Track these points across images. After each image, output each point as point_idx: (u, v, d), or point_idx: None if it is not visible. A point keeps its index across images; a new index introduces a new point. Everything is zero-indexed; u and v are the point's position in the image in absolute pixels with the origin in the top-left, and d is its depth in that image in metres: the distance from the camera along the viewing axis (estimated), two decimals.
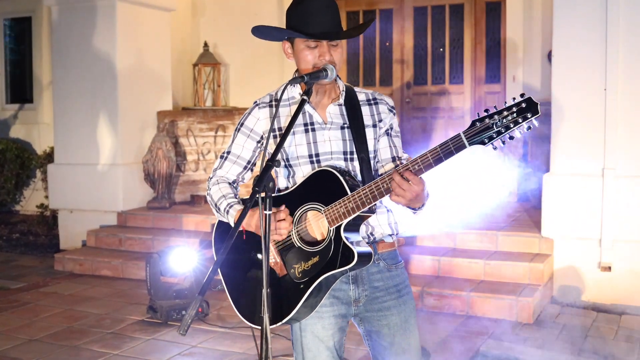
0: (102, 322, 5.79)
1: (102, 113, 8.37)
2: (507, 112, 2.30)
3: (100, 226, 8.29)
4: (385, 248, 2.75)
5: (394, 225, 2.77)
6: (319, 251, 2.55)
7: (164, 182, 8.23)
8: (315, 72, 2.56)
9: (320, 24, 2.59)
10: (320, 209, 2.55)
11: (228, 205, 2.71)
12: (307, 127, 2.70)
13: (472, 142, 2.35)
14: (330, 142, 2.69)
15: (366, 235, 2.70)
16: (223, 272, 2.75)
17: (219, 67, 9.60)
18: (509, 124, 2.30)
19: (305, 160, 2.68)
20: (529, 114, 2.28)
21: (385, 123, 2.75)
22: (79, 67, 8.45)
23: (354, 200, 2.48)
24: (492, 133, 2.32)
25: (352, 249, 2.48)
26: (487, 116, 2.33)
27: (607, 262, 6.09)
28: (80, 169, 8.51)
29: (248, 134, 2.78)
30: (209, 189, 2.82)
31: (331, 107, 2.71)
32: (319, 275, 2.52)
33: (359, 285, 2.70)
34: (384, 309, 2.72)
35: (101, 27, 8.32)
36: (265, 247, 2.33)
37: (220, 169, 2.83)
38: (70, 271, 7.53)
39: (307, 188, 2.61)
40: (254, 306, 2.62)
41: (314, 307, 2.58)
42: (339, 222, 2.50)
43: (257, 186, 2.30)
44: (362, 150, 2.68)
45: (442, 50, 9.13)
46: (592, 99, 6.11)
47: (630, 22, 5.98)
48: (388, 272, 2.75)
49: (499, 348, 5.04)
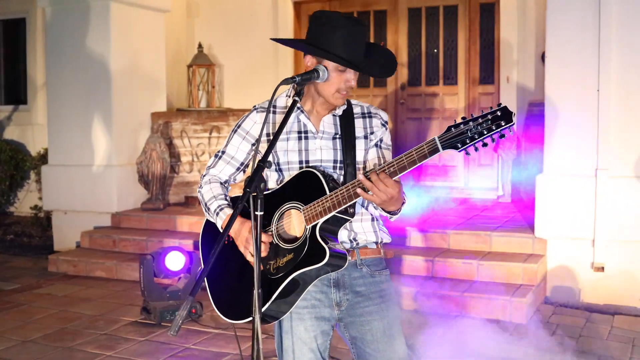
0: (96, 324, 5.78)
1: (96, 114, 8.36)
2: (482, 120, 2.36)
3: (94, 227, 8.29)
4: (368, 254, 2.78)
5: (379, 233, 2.80)
6: (294, 248, 2.59)
7: (158, 184, 8.23)
8: (307, 73, 2.59)
9: (356, 54, 2.62)
10: (299, 208, 2.59)
11: (219, 207, 2.75)
12: (301, 135, 2.74)
13: (445, 146, 2.40)
14: (321, 150, 2.73)
15: (348, 240, 2.72)
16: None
17: (213, 68, 9.59)
18: (483, 131, 2.35)
19: (296, 166, 2.73)
20: (503, 122, 2.33)
21: (377, 136, 2.79)
22: (73, 68, 8.44)
23: (331, 200, 2.53)
24: (465, 138, 2.37)
25: (324, 247, 2.52)
26: (462, 122, 2.39)
27: (601, 263, 6.11)
28: (74, 170, 8.50)
29: (244, 136, 2.82)
30: (201, 187, 2.86)
31: (327, 117, 2.76)
32: (292, 271, 2.57)
33: (340, 289, 2.73)
34: (366, 314, 2.74)
35: (95, 28, 8.31)
36: (257, 249, 2.34)
37: (214, 168, 2.87)
38: (64, 272, 7.52)
39: (290, 188, 2.66)
40: (230, 300, 2.70)
41: (290, 305, 2.63)
42: (315, 220, 2.55)
43: (248, 187, 2.32)
44: (349, 159, 2.72)
45: (436, 52, 9.14)
46: (585, 100, 6.13)
47: (623, 23, 6.01)
48: (371, 278, 2.77)
49: (493, 349, 5.04)
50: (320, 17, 2.67)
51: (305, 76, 2.57)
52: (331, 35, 2.59)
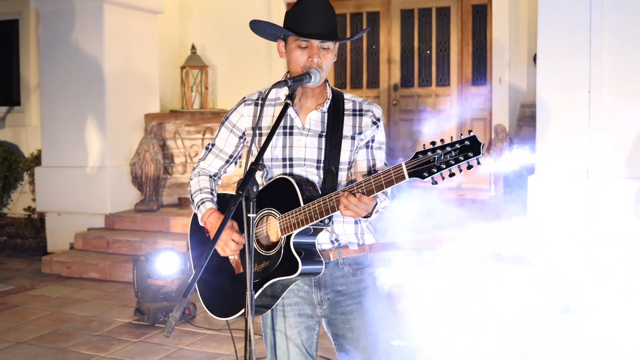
0: (90, 325, 5.79)
1: (90, 116, 8.36)
2: (450, 149, 2.31)
3: (88, 229, 8.28)
4: (350, 253, 2.78)
5: (360, 235, 2.78)
6: (270, 256, 2.62)
7: (151, 185, 8.23)
8: (299, 76, 2.59)
9: (313, 25, 2.61)
10: (276, 216, 2.61)
11: (201, 200, 2.80)
12: (286, 131, 2.72)
13: (411, 175, 2.37)
14: (305, 148, 2.71)
15: (329, 241, 2.73)
16: (194, 263, 2.90)
17: (206, 69, 9.59)
18: (450, 161, 2.31)
19: (279, 163, 2.72)
20: (471, 153, 2.28)
21: (366, 136, 2.75)
22: (66, 69, 8.44)
23: (304, 213, 2.53)
24: (432, 167, 2.33)
25: (296, 260, 2.54)
26: (430, 149, 2.34)
27: (593, 264, 6.13)
28: (67, 172, 8.49)
29: (231, 129, 2.82)
30: (191, 179, 2.91)
31: (313, 113, 2.73)
32: (268, 279, 2.60)
33: (321, 288, 2.74)
34: (347, 312, 2.75)
35: (88, 30, 8.31)
36: (249, 251, 2.35)
37: (204, 161, 2.90)
38: (58, 274, 7.52)
39: (268, 193, 2.66)
40: (218, 297, 2.77)
41: (269, 306, 2.68)
42: (290, 231, 2.56)
43: (240, 189, 2.33)
44: (332, 160, 2.69)
45: (429, 53, 9.17)
46: (576, 101, 6.16)
47: (614, 24, 6.04)
48: (352, 277, 2.77)
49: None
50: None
51: (298, 79, 2.57)
52: (291, 11, 2.67)
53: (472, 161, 2.29)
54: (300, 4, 2.65)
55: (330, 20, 2.65)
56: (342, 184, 2.74)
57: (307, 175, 2.70)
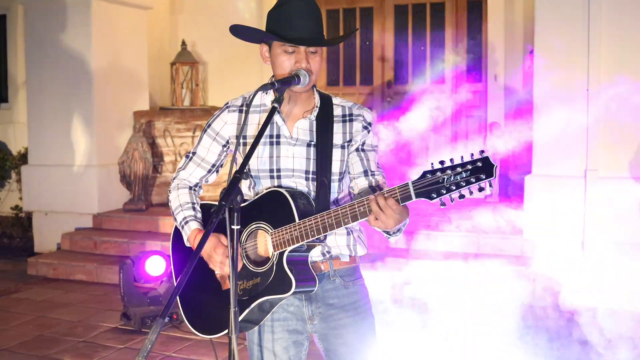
0: (75, 330, 5.63)
1: (77, 113, 8.20)
2: (461, 169, 2.17)
3: (76, 229, 8.12)
4: (342, 265, 2.63)
5: (353, 247, 2.63)
6: (261, 273, 2.47)
7: (140, 184, 8.07)
8: (287, 78, 2.43)
9: (299, 29, 2.45)
10: (268, 231, 2.46)
11: (183, 219, 2.64)
12: (273, 140, 2.57)
13: (418, 195, 2.23)
14: (293, 158, 2.56)
15: (320, 254, 2.57)
16: (176, 278, 2.74)
17: (197, 66, 9.43)
18: (460, 182, 2.17)
19: (266, 174, 2.57)
20: (483, 175, 2.14)
21: (357, 141, 2.60)
22: (53, 66, 8.27)
23: (300, 229, 2.39)
24: (441, 189, 2.20)
25: (290, 279, 2.40)
26: (439, 169, 2.20)
27: (590, 264, 6.01)
28: (54, 170, 8.33)
29: (214, 137, 2.67)
30: (170, 192, 2.75)
31: (301, 121, 2.57)
32: (258, 296, 2.46)
33: (312, 302, 2.59)
34: (340, 327, 2.60)
35: (76, 26, 8.14)
36: (233, 265, 2.20)
37: (184, 170, 2.74)
38: (44, 275, 7.36)
39: (259, 206, 2.51)
40: (201, 314, 2.61)
41: (256, 323, 2.54)
42: (283, 248, 2.42)
43: (224, 200, 2.17)
44: (323, 172, 2.54)
45: (423, 49, 9.02)
46: (574, 99, 6.03)
47: (612, 20, 5.91)
48: (344, 289, 2.63)
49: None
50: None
51: (285, 81, 2.41)
52: (274, 14, 2.50)
53: (484, 183, 2.15)
54: (285, 5, 2.47)
55: (317, 23, 2.50)
56: (334, 196, 2.60)
57: (297, 187, 2.55)
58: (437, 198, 2.21)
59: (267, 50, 2.56)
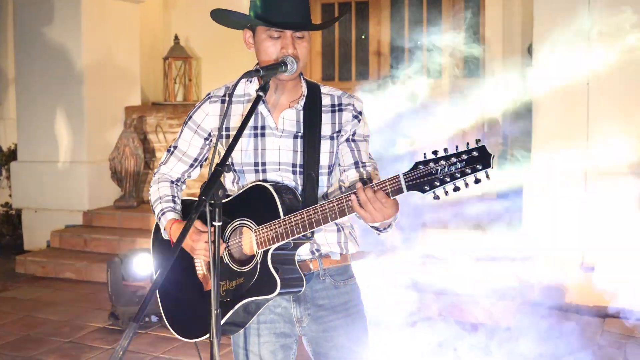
0: (61, 330, 5.47)
1: (68, 108, 8.04)
2: (456, 159, 2.01)
3: (66, 226, 7.97)
4: (332, 263, 2.47)
5: (344, 244, 2.48)
6: (244, 272, 2.32)
7: (131, 180, 7.93)
8: (273, 65, 2.28)
9: (286, 13, 2.30)
10: (252, 228, 2.30)
11: (161, 211, 2.49)
12: (257, 132, 2.41)
13: (410, 187, 2.08)
14: (279, 151, 2.40)
15: (309, 252, 2.43)
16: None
17: (190, 61, 9.29)
18: (455, 174, 2.02)
19: (250, 168, 2.41)
20: (479, 165, 1.99)
21: (346, 131, 2.44)
22: (43, 60, 8.12)
23: (285, 226, 2.23)
24: (434, 180, 2.04)
25: (275, 278, 2.24)
26: (432, 159, 2.05)
27: (590, 263, 5.87)
28: (44, 167, 8.17)
29: (195, 130, 2.53)
30: (151, 186, 2.61)
31: (287, 111, 2.42)
32: (242, 298, 2.31)
33: (300, 303, 2.44)
34: (330, 329, 2.45)
35: (66, 20, 7.98)
36: (214, 265, 2.06)
37: (165, 165, 2.60)
38: (32, 274, 7.20)
39: (243, 201, 2.36)
40: (183, 317, 2.46)
41: (242, 325, 2.39)
42: (267, 246, 2.26)
43: (204, 194, 2.02)
44: (311, 165, 2.38)
45: (420, 44, 8.87)
46: (574, 94, 5.88)
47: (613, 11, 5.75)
48: (335, 290, 2.47)
49: (481, 354, 4.80)
50: None
51: (271, 68, 2.26)
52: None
53: (480, 174, 2.00)
54: None
55: (303, 5, 2.35)
56: (323, 191, 2.44)
57: (284, 181, 2.40)
58: (430, 191, 2.06)
59: (251, 35, 2.42)
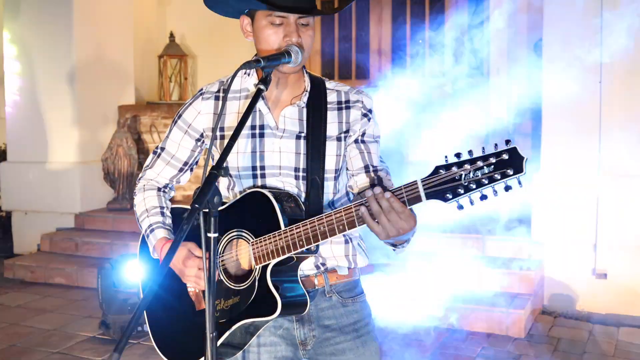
0: (49, 340, 5.20)
1: (59, 107, 7.77)
2: (482, 163, 1.75)
3: (57, 229, 7.70)
4: (339, 279, 2.21)
5: (352, 257, 2.22)
6: (240, 290, 2.05)
7: (124, 182, 7.67)
8: (275, 55, 2.00)
9: None
10: (249, 240, 2.04)
11: (149, 227, 2.21)
12: (255, 132, 2.14)
13: (430, 195, 1.81)
14: (280, 153, 2.14)
15: (313, 266, 2.17)
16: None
17: (186, 59, 9.06)
18: (482, 180, 1.75)
19: (248, 173, 2.15)
20: (510, 170, 1.72)
21: (355, 131, 2.18)
22: (33, 58, 7.84)
23: (286, 238, 1.97)
24: (458, 188, 1.77)
25: (275, 298, 1.97)
26: (455, 163, 1.78)
27: (603, 269, 5.63)
28: (34, 168, 7.90)
29: (185, 130, 2.24)
30: (135, 195, 2.31)
31: (288, 108, 2.16)
32: (237, 319, 2.04)
33: (304, 324, 2.18)
34: (338, 352, 2.19)
35: (56, 15, 7.71)
36: (209, 282, 1.79)
37: (151, 169, 2.31)
38: (22, 279, 6.93)
39: (239, 210, 2.09)
40: (172, 339, 2.20)
41: (239, 348, 2.12)
42: (266, 261, 2.00)
43: (197, 202, 1.73)
44: (315, 169, 2.12)
45: (422, 41, 8.62)
46: (586, 93, 5.63)
47: (627, 5, 5.51)
48: (343, 308, 2.22)
49: None
50: None
51: (273, 58, 1.99)
52: None
53: (512, 181, 1.73)
54: None
55: None
56: (328, 198, 2.18)
57: (285, 187, 2.14)
58: (453, 199, 1.79)
59: (249, 22, 2.15)
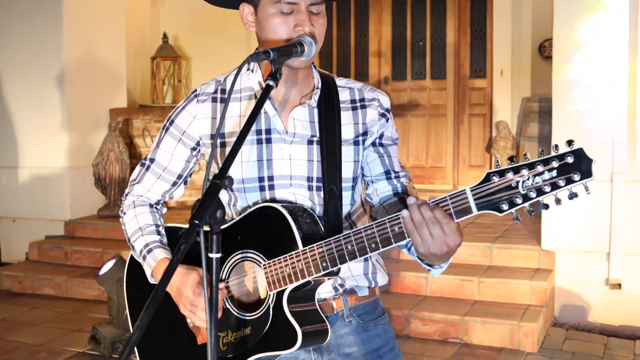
0: (36, 356, 4.92)
1: (48, 110, 7.49)
2: (543, 168, 1.49)
3: (46, 237, 7.42)
4: (359, 300, 1.95)
5: (372, 276, 1.96)
6: (252, 320, 1.77)
7: (116, 188, 7.40)
8: (287, 47, 1.72)
9: None
10: (259, 263, 1.76)
11: (145, 247, 1.92)
12: (261, 137, 1.86)
13: (482, 207, 1.57)
14: (290, 161, 1.86)
15: (331, 288, 1.90)
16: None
17: (179, 60, 8.79)
18: (543, 187, 1.50)
19: (254, 185, 1.87)
20: (576, 175, 1.46)
21: (372, 133, 1.93)
22: (21, 59, 7.57)
23: (306, 260, 1.70)
24: (514, 196, 1.53)
25: (294, 328, 1.70)
26: (509, 169, 1.53)
27: (617, 279, 5.39)
28: (22, 173, 7.62)
29: (179, 138, 1.95)
30: (123, 212, 2.01)
31: (298, 109, 1.88)
32: (249, 353, 1.76)
33: (323, 353, 1.90)
34: None
35: (46, 15, 7.43)
36: (211, 311, 1.53)
37: (139, 184, 2.01)
38: (8, 289, 6.63)
39: (246, 228, 1.80)
40: None
41: None
42: (282, 286, 1.73)
43: (197, 218, 1.46)
44: (332, 178, 1.85)
45: (423, 43, 8.40)
46: (599, 94, 5.40)
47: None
48: (365, 333, 1.95)
49: None
50: None
51: (284, 50, 1.71)
52: None
53: (577, 187, 1.48)
54: None
55: None
56: (346, 210, 1.92)
57: (297, 200, 1.87)
58: (509, 210, 1.54)
59: (251, 12, 1.88)
